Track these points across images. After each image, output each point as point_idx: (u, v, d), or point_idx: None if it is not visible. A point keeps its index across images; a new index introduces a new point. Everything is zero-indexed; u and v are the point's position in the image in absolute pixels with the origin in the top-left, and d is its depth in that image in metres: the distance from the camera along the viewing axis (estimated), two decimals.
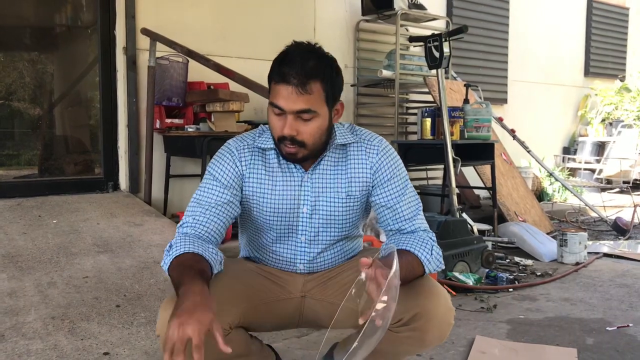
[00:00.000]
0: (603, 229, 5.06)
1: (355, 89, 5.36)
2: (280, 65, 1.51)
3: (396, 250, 1.42)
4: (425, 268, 1.52)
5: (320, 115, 1.53)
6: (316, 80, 1.50)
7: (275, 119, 1.54)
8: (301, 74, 1.47)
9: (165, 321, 1.39)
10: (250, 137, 1.67)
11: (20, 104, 4.58)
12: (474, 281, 3.15)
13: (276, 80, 1.51)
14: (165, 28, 3.95)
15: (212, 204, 1.55)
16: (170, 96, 3.98)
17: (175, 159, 4.16)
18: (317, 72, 1.50)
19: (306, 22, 5.00)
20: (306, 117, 1.51)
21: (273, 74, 1.53)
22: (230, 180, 1.59)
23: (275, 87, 1.51)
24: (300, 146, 1.53)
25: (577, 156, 7.84)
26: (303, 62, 1.49)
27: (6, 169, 4.30)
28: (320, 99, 1.52)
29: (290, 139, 1.52)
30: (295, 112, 1.50)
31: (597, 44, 8.14)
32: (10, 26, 4.45)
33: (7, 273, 2.63)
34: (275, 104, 1.51)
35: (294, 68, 1.48)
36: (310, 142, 1.54)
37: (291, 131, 1.51)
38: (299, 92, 1.48)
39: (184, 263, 1.39)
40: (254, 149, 1.64)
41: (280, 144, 1.55)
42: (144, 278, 2.72)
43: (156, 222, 3.45)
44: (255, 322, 1.60)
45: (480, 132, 4.13)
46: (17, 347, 2.05)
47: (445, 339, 1.53)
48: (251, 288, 1.61)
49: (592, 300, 2.99)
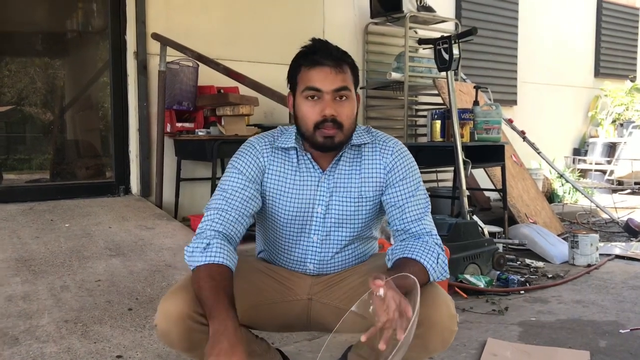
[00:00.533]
0: (614, 230, 5.03)
1: (364, 91, 5.37)
2: (309, 54, 1.57)
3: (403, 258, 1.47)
4: (430, 276, 1.51)
5: (352, 96, 1.59)
6: (346, 62, 1.59)
7: (309, 105, 1.56)
8: (335, 55, 1.56)
9: (165, 313, 1.42)
10: (271, 136, 1.69)
11: (32, 109, 4.63)
12: (485, 283, 3.14)
13: (309, 66, 1.56)
14: (176, 33, 3.98)
15: (238, 199, 1.56)
16: (180, 100, 4.01)
17: (185, 163, 4.18)
18: (346, 55, 1.60)
19: (315, 25, 5.01)
20: (344, 96, 1.56)
21: (303, 62, 1.57)
22: (253, 174, 1.61)
23: (309, 73, 1.56)
24: (338, 128, 1.55)
25: (587, 157, 7.80)
26: (332, 47, 1.59)
27: (18, 173, 4.34)
28: (351, 81, 1.59)
29: (332, 120, 1.54)
30: (334, 91, 1.54)
31: (607, 44, 8.10)
32: (23, 32, 4.50)
33: (20, 277, 2.65)
34: (312, 86, 1.55)
35: (327, 51, 1.56)
36: (347, 124, 1.57)
37: (333, 110, 1.54)
38: (336, 71, 1.54)
39: (215, 278, 1.40)
40: (274, 147, 1.66)
41: (317, 130, 1.56)
42: (155, 281, 2.73)
43: (167, 225, 3.47)
44: (258, 321, 1.62)
45: (491, 134, 4.11)
46: (31, 350, 2.07)
47: (449, 345, 1.52)
48: (256, 287, 1.62)
49: (605, 303, 2.97)
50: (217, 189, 1.60)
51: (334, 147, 1.59)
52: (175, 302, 1.42)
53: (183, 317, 1.41)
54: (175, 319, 1.41)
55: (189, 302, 1.41)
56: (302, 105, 1.57)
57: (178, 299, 1.43)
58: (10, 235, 3.11)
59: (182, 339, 1.43)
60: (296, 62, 1.59)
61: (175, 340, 1.44)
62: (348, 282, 1.66)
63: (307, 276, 1.70)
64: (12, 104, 4.50)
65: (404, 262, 1.50)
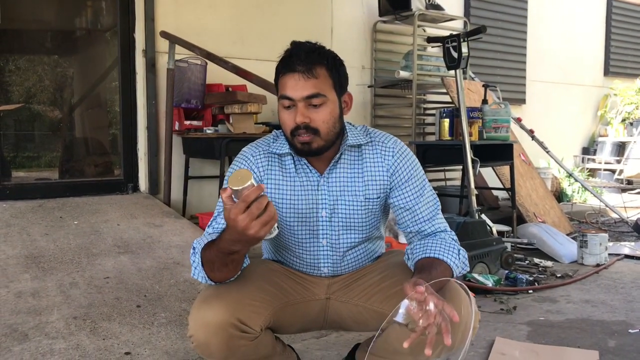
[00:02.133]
0: (624, 230, 5.00)
1: (372, 90, 5.36)
2: (284, 59, 1.53)
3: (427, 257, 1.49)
4: (453, 273, 1.52)
5: (329, 100, 1.53)
6: (321, 64, 1.52)
7: (285, 113, 1.54)
8: (305, 60, 1.50)
9: (203, 323, 1.40)
10: (265, 143, 1.66)
11: (41, 107, 4.65)
12: (493, 282, 3.13)
13: (282, 72, 1.52)
14: (184, 31, 3.99)
15: None
16: (189, 98, 4.01)
17: (193, 161, 4.19)
18: (320, 57, 1.53)
19: (323, 23, 5.01)
20: (316, 103, 1.51)
21: (279, 69, 1.54)
22: None
23: (282, 80, 1.52)
24: (314, 134, 1.52)
25: (596, 156, 7.76)
26: (306, 50, 1.52)
27: (27, 171, 4.36)
28: (328, 84, 1.53)
29: (304, 127, 1.50)
30: (305, 98, 1.50)
31: (617, 43, 8.05)
32: (32, 30, 4.52)
33: (30, 273, 2.67)
34: (284, 95, 1.51)
35: (298, 57, 1.50)
36: (324, 129, 1.53)
37: (303, 118, 1.50)
38: (306, 77, 1.49)
39: (211, 244, 1.39)
40: (269, 154, 1.63)
41: (294, 137, 1.54)
42: (164, 279, 2.74)
43: (175, 223, 3.48)
44: (284, 323, 1.60)
45: (499, 133, 4.09)
46: (40, 346, 2.08)
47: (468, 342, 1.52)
48: (280, 289, 1.61)
49: (614, 302, 2.95)
50: (217, 207, 1.58)
51: (313, 152, 1.55)
52: (213, 312, 1.40)
53: (224, 326, 1.39)
54: (215, 329, 1.39)
55: (228, 310, 1.40)
56: (280, 113, 1.55)
57: (215, 308, 1.41)
58: (20, 232, 3.13)
59: (222, 348, 1.41)
60: (277, 68, 1.56)
61: (214, 351, 1.42)
62: (366, 280, 1.66)
63: (324, 277, 1.69)
64: (22, 102, 4.52)
65: (429, 262, 1.50)
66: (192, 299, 2.56)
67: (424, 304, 1.25)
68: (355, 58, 5.18)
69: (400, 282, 1.54)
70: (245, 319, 1.43)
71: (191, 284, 2.70)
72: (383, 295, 1.60)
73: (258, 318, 1.46)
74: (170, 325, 2.32)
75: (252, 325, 1.45)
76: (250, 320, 1.44)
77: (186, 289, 2.66)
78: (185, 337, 2.21)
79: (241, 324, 1.41)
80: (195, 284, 2.69)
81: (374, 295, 1.62)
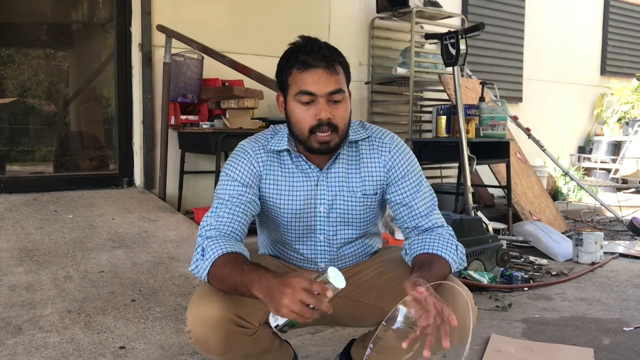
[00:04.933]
0: (619, 229, 5.01)
1: (369, 86, 5.35)
2: (299, 54, 1.50)
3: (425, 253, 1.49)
4: (451, 268, 1.51)
5: (347, 97, 1.54)
6: (339, 62, 1.52)
7: (303, 109, 1.50)
8: (327, 56, 1.49)
9: (201, 319, 1.38)
10: (263, 138, 1.64)
11: (36, 101, 4.62)
12: (488, 280, 3.13)
13: (301, 68, 1.49)
14: (181, 25, 3.96)
15: (236, 202, 1.53)
16: (185, 93, 4.00)
17: (189, 156, 4.17)
18: (337, 54, 1.53)
19: (321, 19, 5.00)
20: (337, 99, 1.50)
21: (294, 64, 1.50)
22: (249, 180, 1.57)
23: (302, 75, 1.49)
24: (334, 131, 1.51)
25: (592, 155, 7.77)
26: (323, 46, 1.51)
27: (22, 165, 4.34)
28: (344, 80, 1.54)
29: (327, 123, 1.49)
30: (329, 94, 1.48)
31: (613, 42, 8.06)
32: (27, 23, 4.49)
33: (24, 267, 2.65)
34: (306, 91, 1.48)
35: (318, 52, 1.48)
36: (342, 125, 1.53)
37: (327, 114, 1.48)
38: (330, 73, 1.48)
39: (230, 262, 1.37)
40: (268, 150, 1.62)
41: (312, 135, 1.51)
42: (159, 273, 2.73)
43: (171, 218, 3.47)
44: None
45: (496, 131, 4.10)
46: (34, 339, 2.07)
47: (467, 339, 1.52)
48: None
49: (609, 301, 2.96)
50: (214, 200, 1.57)
51: (330, 151, 1.55)
52: (211, 307, 1.39)
53: (222, 322, 1.39)
54: (214, 324, 1.38)
55: (227, 305, 1.39)
56: (296, 109, 1.51)
57: (213, 303, 1.39)
58: (14, 225, 3.11)
59: (221, 343, 1.41)
60: (287, 63, 1.52)
61: (213, 346, 1.41)
62: (363, 275, 1.66)
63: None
64: (16, 96, 4.50)
65: (427, 258, 1.50)
66: (187, 293, 2.55)
67: (424, 304, 1.25)
68: (352, 54, 5.17)
69: (397, 277, 1.54)
70: (244, 314, 1.42)
71: (186, 279, 2.69)
72: (380, 291, 1.60)
73: (256, 313, 1.45)
74: (165, 319, 2.31)
75: (251, 320, 1.44)
76: (249, 315, 1.43)
77: (181, 283, 2.65)
78: (180, 332, 2.21)
79: (239, 319, 1.40)
80: (191, 279, 2.68)
81: (371, 291, 1.62)
